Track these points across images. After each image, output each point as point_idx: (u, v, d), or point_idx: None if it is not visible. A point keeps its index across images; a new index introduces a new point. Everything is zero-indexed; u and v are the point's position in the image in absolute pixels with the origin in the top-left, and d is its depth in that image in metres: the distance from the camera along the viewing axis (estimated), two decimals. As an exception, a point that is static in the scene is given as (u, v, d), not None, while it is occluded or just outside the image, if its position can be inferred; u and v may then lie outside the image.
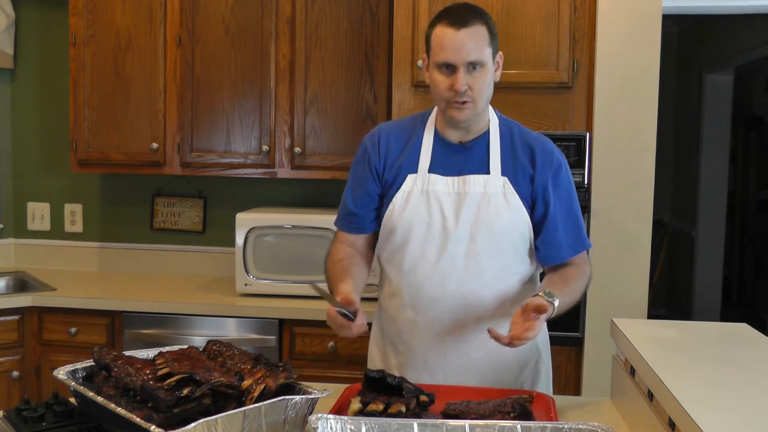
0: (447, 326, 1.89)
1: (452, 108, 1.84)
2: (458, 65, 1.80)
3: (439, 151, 1.93)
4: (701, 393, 1.34)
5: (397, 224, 1.91)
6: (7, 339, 3.07)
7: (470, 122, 1.89)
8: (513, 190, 1.87)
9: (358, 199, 2.00)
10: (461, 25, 1.80)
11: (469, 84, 1.81)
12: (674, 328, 1.88)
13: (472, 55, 1.80)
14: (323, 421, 1.36)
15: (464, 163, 1.91)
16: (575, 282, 1.89)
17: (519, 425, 1.37)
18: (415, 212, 1.89)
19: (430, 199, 1.89)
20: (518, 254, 1.91)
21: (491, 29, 1.86)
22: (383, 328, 2.03)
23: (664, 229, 6.13)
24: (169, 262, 3.69)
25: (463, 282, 1.87)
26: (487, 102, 1.90)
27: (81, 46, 3.33)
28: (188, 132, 3.30)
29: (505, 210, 1.86)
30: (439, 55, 1.82)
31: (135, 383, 1.42)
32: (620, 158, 2.79)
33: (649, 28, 2.77)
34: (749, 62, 5.50)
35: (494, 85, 1.93)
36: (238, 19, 3.24)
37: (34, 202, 3.82)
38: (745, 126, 6.84)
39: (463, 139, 1.93)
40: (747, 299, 6.81)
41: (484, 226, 1.86)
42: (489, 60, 1.84)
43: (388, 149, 1.97)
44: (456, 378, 1.90)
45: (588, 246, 1.97)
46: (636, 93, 2.78)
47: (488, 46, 1.83)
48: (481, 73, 1.83)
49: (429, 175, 1.90)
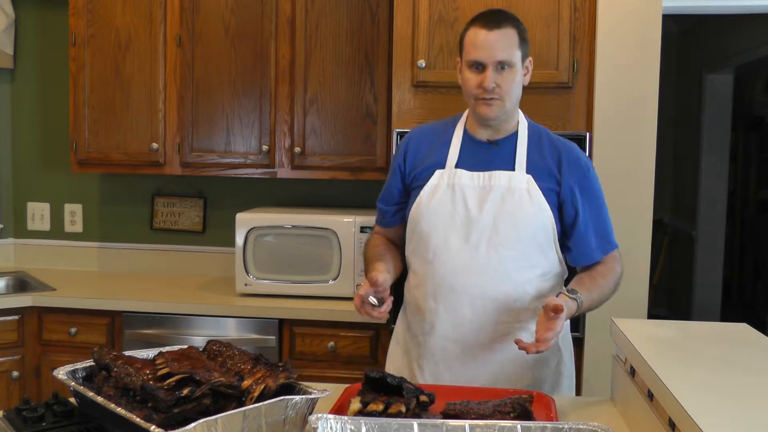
0: (467, 316, 1.93)
1: (481, 104, 1.93)
2: (488, 64, 1.89)
3: (467, 149, 2.00)
4: (701, 393, 1.34)
5: (422, 215, 1.97)
6: (7, 339, 3.07)
7: (499, 121, 1.97)
8: (536, 187, 1.93)
9: (383, 195, 2.15)
10: (493, 27, 1.90)
11: (498, 83, 1.90)
12: (674, 328, 1.88)
13: (501, 54, 1.89)
14: (323, 421, 1.36)
15: (491, 160, 1.97)
16: (603, 279, 1.96)
17: (519, 425, 1.37)
18: (440, 204, 1.96)
19: (455, 192, 1.95)
20: (540, 248, 1.95)
21: (522, 34, 1.95)
22: (408, 322, 2.07)
23: (664, 229, 6.13)
24: (169, 262, 3.69)
25: (484, 271, 1.91)
26: (515, 103, 1.98)
27: (81, 46, 3.33)
28: (188, 132, 3.30)
29: (529, 204, 1.92)
30: (471, 54, 1.91)
31: (135, 383, 1.42)
32: (620, 158, 2.79)
33: (649, 28, 2.77)
34: (749, 62, 5.50)
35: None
36: (238, 19, 3.24)
37: (34, 202, 3.82)
38: (745, 126, 6.85)
39: (491, 138, 2.00)
40: (747, 299, 6.82)
41: (507, 216, 1.91)
42: (518, 62, 1.93)
43: (418, 148, 2.06)
44: (475, 371, 1.93)
45: (616, 246, 2.03)
46: (636, 93, 2.78)
47: (518, 49, 1.92)
48: (510, 73, 1.91)
49: (456, 170, 1.97)
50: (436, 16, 2.82)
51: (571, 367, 2.09)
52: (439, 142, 2.04)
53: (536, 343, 1.71)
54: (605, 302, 1.98)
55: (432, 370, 1.96)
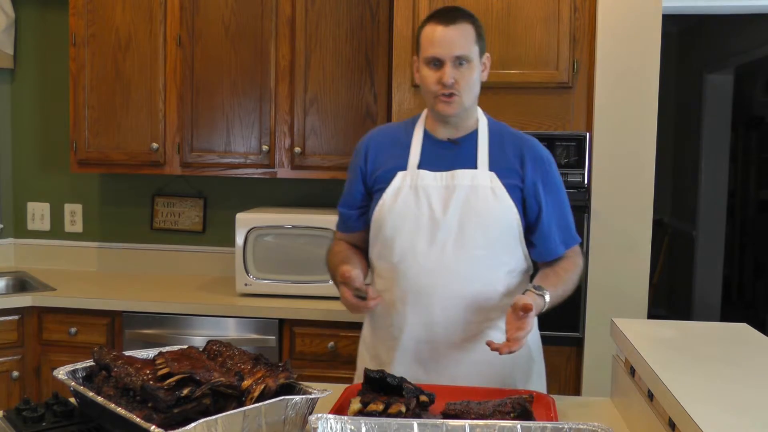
0: (438, 317, 1.92)
1: (440, 102, 1.92)
2: (446, 59, 1.88)
3: (428, 149, 1.99)
4: (701, 393, 1.34)
5: (386, 218, 1.96)
6: (7, 339, 3.07)
7: (458, 119, 1.96)
8: (500, 184, 1.92)
9: (344, 199, 2.12)
10: (449, 23, 1.89)
11: (456, 78, 1.89)
12: (674, 328, 1.88)
13: (458, 49, 1.88)
14: (323, 421, 1.36)
15: (453, 159, 1.96)
16: (567, 274, 1.97)
17: (519, 425, 1.37)
18: (404, 206, 1.94)
19: (419, 193, 1.94)
20: (507, 246, 1.95)
21: (478, 29, 1.94)
22: (374, 327, 2.05)
23: (664, 229, 6.13)
24: (169, 262, 3.69)
25: (452, 271, 1.90)
26: (474, 99, 1.96)
27: (81, 46, 3.33)
28: (188, 132, 3.30)
29: (493, 202, 1.91)
30: (428, 51, 1.90)
31: (135, 383, 1.42)
32: (620, 158, 2.79)
33: (649, 28, 2.77)
34: (749, 62, 5.50)
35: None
36: (238, 19, 3.24)
37: (34, 202, 3.82)
38: (745, 126, 6.85)
39: (451, 137, 1.99)
40: (747, 299, 6.81)
41: (473, 215, 1.90)
42: (476, 57, 1.91)
43: (378, 151, 2.04)
44: (448, 371, 1.92)
45: (578, 240, 2.05)
46: (636, 93, 2.78)
47: (475, 44, 1.91)
48: (467, 69, 1.90)
49: (418, 171, 1.96)
50: (436, 16, 2.82)
51: (541, 363, 2.09)
52: (399, 143, 2.02)
53: (508, 343, 1.71)
54: (568, 296, 1.98)
55: (405, 372, 1.92)
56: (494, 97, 2.85)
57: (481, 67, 1.95)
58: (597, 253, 2.80)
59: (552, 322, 2.83)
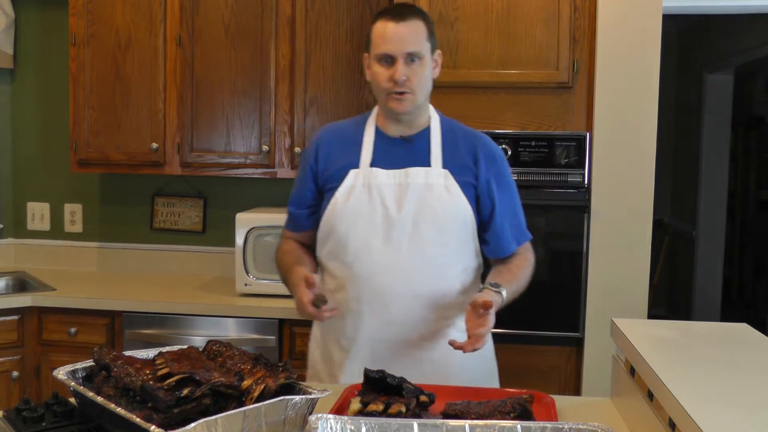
0: (394, 316, 1.91)
1: (392, 99, 1.90)
2: (397, 56, 1.87)
3: (380, 146, 1.97)
4: (701, 393, 1.34)
5: (339, 218, 1.94)
6: (7, 339, 3.07)
7: (411, 116, 1.95)
8: (454, 182, 1.92)
9: (294, 198, 2.10)
10: (400, 19, 1.89)
11: (408, 76, 1.88)
12: (674, 328, 1.88)
13: (410, 46, 1.87)
14: (323, 421, 1.36)
15: (406, 157, 1.95)
16: (521, 271, 1.98)
17: (519, 425, 1.37)
18: (357, 205, 1.93)
19: (372, 192, 1.92)
20: (460, 243, 1.95)
21: (430, 26, 1.94)
22: (326, 327, 2.03)
23: (664, 229, 6.13)
24: (169, 262, 3.69)
25: (408, 270, 1.89)
26: (426, 96, 1.96)
27: (81, 46, 3.33)
28: (188, 132, 3.30)
29: (447, 199, 1.91)
30: (380, 47, 1.89)
31: (135, 383, 1.42)
32: (620, 158, 2.79)
33: (649, 28, 2.77)
34: (749, 62, 5.50)
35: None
36: (238, 19, 3.24)
37: (34, 202, 3.82)
38: (745, 126, 6.85)
39: (404, 134, 1.98)
40: (747, 299, 6.81)
41: (427, 213, 1.90)
42: (427, 54, 1.91)
43: (330, 149, 2.02)
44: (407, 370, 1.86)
45: (529, 237, 2.07)
46: (636, 93, 2.78)
47: (426, 40, 1.91)
48: (419, 65, 1.89)
49: (371, 169, 1.94)
50: (436, 16, 2.82)
51: (493, 361, 2.10)
52: (350, 141, 2.01)
53: (471, 341, 1.71)
54: (521, 292, 1.99)
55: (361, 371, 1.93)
56: (494, 97, 2.85)
57: (433, 64, 1.95)
58: (597, 253, 2.80)
59: (552, 322, 2.85)
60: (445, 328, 1.93)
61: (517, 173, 2.82)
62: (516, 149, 2.82)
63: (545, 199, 2.81)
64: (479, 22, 2.82)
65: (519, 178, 2.82)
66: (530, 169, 2.82)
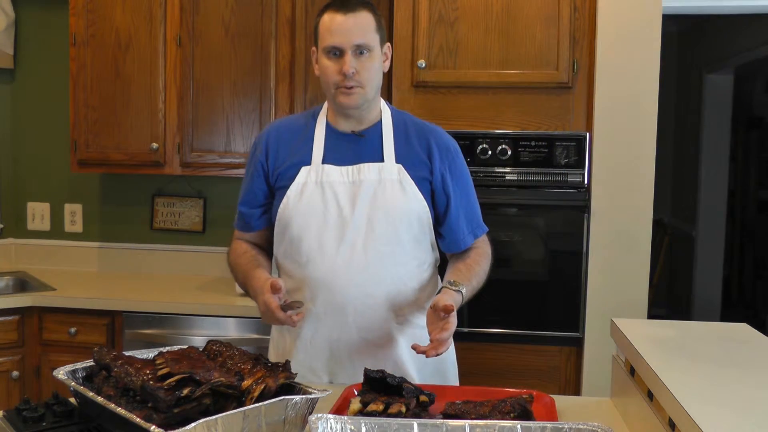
0: (351, 316, 1.88)
1: (341, 94, 1.86)
2: (346, 48, 1.83)
3: (331, 142, 1.93)
4: (701, 393, 1.34)
5: (292, 217, 1.90)
6: (7, 339, 3.07)
7: (361, 111, 1.91)
8: (408, 177, 1.89)
9: (244, 197, 2.05)
10: (348, 11, 1.84)
11: (357, 68, 1.84)
12: (674, 328, 1.88)
13: (358, 38, 1.83)
14: (323, 421, 1.36)
15: (358, 153, 1.92)
16: (479, 266, 1.95)
17: (519, 425, 1.37)
18: (310, 204, 1.89)
19: (325, 190, 1.89)
20: (416, 239, 1.91)
21: (378, 18, 1.91)
22: (283, 329, 1.99)
23: (664, 229, 6.13)
24: (169, 262, 3.69)
25: (363, 269, 1.86)
26: (377, 90, 1.92)
27: (81, 46, 3.33)
28: (188, 132, 3.30)
29: (402, 196, 1.88)
30: (327, 40, 1.85)
31: (135, 383, 1.42)
32: (620, 158, 2.79)
33: (649, 28, 2.77)
34: (749, 62, 5.50)
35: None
36: (238, 19, 3.24)
37: (34, 202, 3.82)
38: (745, 126, 6.84)
39: (355, 129, 1.94)
40: (747, 299, 6.81)
41: (381, 212, 1.86)
42: (376, 46, 1.87)
43: (279, 146, 1.98)
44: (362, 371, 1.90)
45: (485, 229, 2.03)
46: (636, 93, 2.78)
47: (375, 32, 1.87)
48: (368, 58, 1.86)
49: (323, 165, 1.91)
50: (436, 16, 2.82)
51: (453, 360, 2.07)
52: (301, 137, 1.96)
53: (433, 345, 1.68)
54: (482, 287, 1.96)
55: (325, 370, 1.91)
56: (494, 97, 2.85)
57: (383, 57, 1.91)
58: (597, 253, 2.80)
59: (552, 322, 2.85)
60: (403, 326, 1.90)
61: (517, 173, 2.83)
62: (516, 149, 2.82)
63: (545, 199, 2.82)
64: (479, 22, 2.82)
65: (519, 178, 2.82)
66: (530, 169, 2.82)
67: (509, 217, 2.88)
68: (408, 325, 1.92)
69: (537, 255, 2.90)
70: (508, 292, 2.87)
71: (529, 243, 2.89)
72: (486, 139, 2.83)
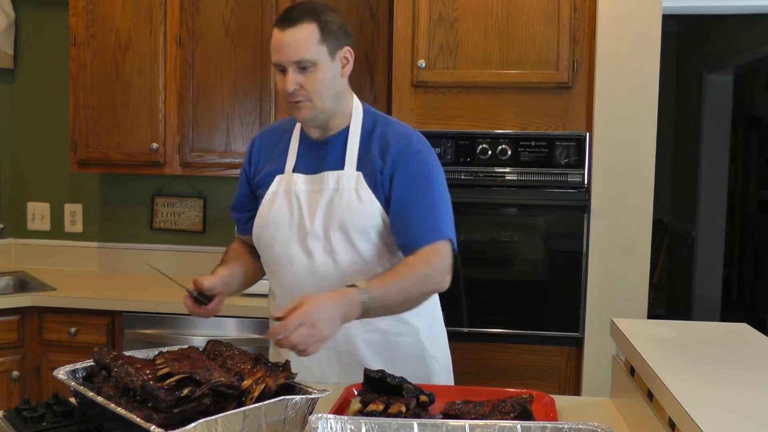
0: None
1: (292, 108, 1.85)
2: (286, 65, 1.79)
3: (303, 150, 1.93)
4: (701, 393, 1.34)
5: (264, 225, 1.92)
6: (7, 339, 3.07)
7: (319, 120, 1.87)
8: (365, 185, 1.85)
9: (235, 202, 2.07)
10: (287, 26, 1.79)
11: (302, 84, 1.79)
12: (674, 328, 1.88)
13: (296, 55, 1.78)
14: (323, 421, 1.36)
15: (323, 161, 1.90)
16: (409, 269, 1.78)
17: (519, 425, 1.37)
18: (279, 212, 1.90)
19: (292, 199, 1.89)
20: (374, 246, 1.87)
21: (326, 26, 1.81)
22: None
23: (664, 229, 6.13)
24: (169, 262, 3.69)
25: (323, 279, 1.85)
26: (332, 99, 1.85)
27: (81, 46, 3.33)
28: (188, 132, 3.30)
29: (357, 205, 1.85)
30: (272, 57, 1.82)
31: (135, 383, 1.42)
32: (620, 158, 2.79)
33: (649, 28, 2.77)
34: (749, 62, 5.50)
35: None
36: (238, 19, 3.24)
37: (34, 202, 3.82)
38: (745, 126, 6.85)
39: (322, 136, 1.92)
40: (747, 299, 6.82)
41: (336, 222, 1.85)
42: (322, 58, 1.80)
43: (261, 153, 2.00)
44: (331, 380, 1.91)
45: (445, 236, 1.84)
46: (636, 93, 2.78)
47: (319, 44, 1.79)
48: (313, 72, 1.80)
49: (293, 174, 1.91)
50: (436, 16, 2.83)
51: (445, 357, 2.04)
52: (281, 144, 1.96)
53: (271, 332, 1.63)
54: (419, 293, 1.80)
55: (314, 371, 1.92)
56: (494, 97, 2.85)
57: (341, 63, 1.84)
58: (597, 253, 2.80)
59: (552, 322, 2.85)
60: (371, 333, 1.89)
61: (517, 173, 2.83)
62: (516, 149, 2.82)
63: (545, 199, 2.82)
64: (479, 22, 2.82)
65: (519, 178, 2.82)
66: (530, 169, 2.82)
67: (509, 217, 2.88)
68: (376, 332, 1.90)
69: (537, 255, 2.90)
70: (508, 292, 2.87)
71: (529, 243, 2.89)
72: (486, 139, 2.83)
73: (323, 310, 1.60)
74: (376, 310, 1.71)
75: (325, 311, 1.60)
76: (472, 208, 2.85)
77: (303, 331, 1.56)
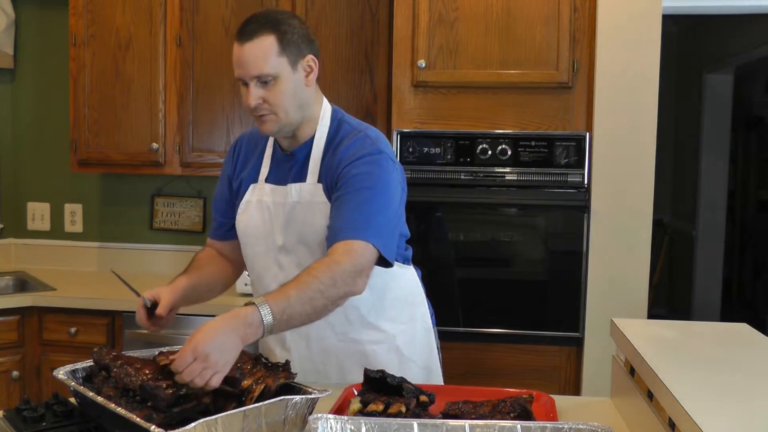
0: (287, 335, 1.90)
1: (257, 121, 1.82)
2: (247, 80, 1.76)
3: (275, 160, 1.92)
4: (701, 393, 1.34)
5: (241, 234, 1.93)
6: (7, 339, 3.07)
7: (285, 132, 1.84)
8: (324, 197, 1.81)
9: (218, 202, 2.03)
10: (245, 40, 1.74)
11: (265, 98, 1.76)
12: (674, 328, 1.88)
13: (255, 69, 1.74)
14: (323, 421, 1.36)
15: (288, 172, 1.88)
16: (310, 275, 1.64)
17: (519, 425, 1.37)
18: (251, 223, 1.89)
19: (263, 210, 1.88)
20: None
21: (285, 37, 1.75)
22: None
23: (664, 229, 6.13)
24: (169, 262, 3.69)
25: None
26: (297, 110, 1.80)
27: (81, 46, 3.33)
28: (188, 132, 3.30)
29: (314, 218, 1.81)
30: (235, 71, 1.78)
31: (135, 383, 1.42)
32: (620, 158, 2.79)
33: (649, 28, 2.77)
34: (749, 62, 5.50)
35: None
36: (238, 19, 3.24)
37: (34, 202, 3.82)
38: (745, 126, 6.85)
39: (290, 147, 1.89)
40: (747, 299, 6.81)
41: (295, 236, 1.84)
42: (282, 70, 1.75)
43: (239, 158, 1.98)
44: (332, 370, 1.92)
45: (364, 237, 1.71)
46: (636, 93, 2.78)
47: (278, 56, 1.74)
48: (275, 85, 1.76)
49: (265, 184, 1.89)
50: (436, 16, 2.82)
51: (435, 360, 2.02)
52: (257, 150, 1.94)
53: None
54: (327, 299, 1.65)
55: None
56: (494, 97, 2.85)
57: (304, 72, 1.79)
58: (597, 253, 2.80)
59: (552, 322, 2.85)
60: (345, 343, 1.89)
61: (517, 173, 2.83)
62: (516, 149, 2.82)
63: (545, 199, 2.82)
64: (479, 22, 2.82)
65: (519, 178, 2.82)
66: (530, 169, 2.82)
67: (509, 217, 2.88)
68: (345, 341, 1.90)
69: (537, 255, 2.90)
70: (508, 292, 2.88)
71: (529, 243, 2.89)
72: (486, 139, 2.83)
73: (214, 340, 1.47)
74: (280, 324, 1.59)
75: (217, 339, 1.47)
76: (472, 208, 2.85)
77: (195, 367, 1.41)
